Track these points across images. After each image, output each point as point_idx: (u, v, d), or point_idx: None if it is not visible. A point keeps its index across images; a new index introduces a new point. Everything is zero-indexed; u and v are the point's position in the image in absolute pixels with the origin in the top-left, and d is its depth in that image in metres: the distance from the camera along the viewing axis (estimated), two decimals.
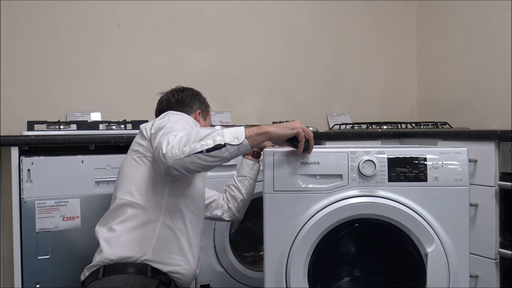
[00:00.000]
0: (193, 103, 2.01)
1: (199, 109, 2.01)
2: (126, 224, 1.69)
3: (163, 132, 1.62)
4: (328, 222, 1.69)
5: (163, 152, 1.51)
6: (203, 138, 1.52)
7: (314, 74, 3.24)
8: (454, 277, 1.68)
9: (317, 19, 3.26)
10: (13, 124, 2.43)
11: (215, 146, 1.52)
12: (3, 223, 2.16)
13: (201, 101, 2.04)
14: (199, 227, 1.83)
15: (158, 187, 1.70)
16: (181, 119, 1.74)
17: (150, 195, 1.70)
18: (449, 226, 1.69)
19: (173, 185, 1.71)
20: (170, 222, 1.71)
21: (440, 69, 3.34)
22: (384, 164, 1.71)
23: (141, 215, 1.69)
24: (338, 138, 2.52)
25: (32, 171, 1.97)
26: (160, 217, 1.70)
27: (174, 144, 1.52)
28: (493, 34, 2.93)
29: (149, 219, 1.69)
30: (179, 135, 1.56)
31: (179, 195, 1.73)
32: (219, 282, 2.29)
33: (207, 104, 2.08)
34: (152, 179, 1.70)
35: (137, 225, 1.68)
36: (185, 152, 1.50)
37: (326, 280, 1.91)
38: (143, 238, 1.68)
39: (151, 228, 1.69)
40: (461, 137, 2.32)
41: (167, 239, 1.70)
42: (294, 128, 1.62)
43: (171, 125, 1.66)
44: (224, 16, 3.00)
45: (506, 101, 2.80)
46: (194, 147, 1.51)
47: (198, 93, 2.07)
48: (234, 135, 1.55)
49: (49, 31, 2.60)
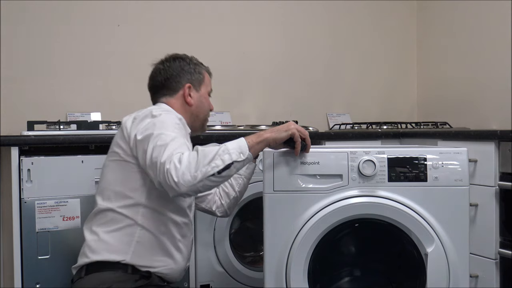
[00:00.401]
0: (180, 78, 1.87)
1: (188, 81, 1.87)
2: (106, 227, 1.68)
3: (154, 144, 1.58)
4: (328, 222, 1.69)
5: (175, 181, 1.49)
6: (212, 160, 1.52)
7: (314, 74, 3.24)
8: (454, 277, 1.68)
9: (317, 19, 3.26)
10: (13, 124, 2.42)
11: (225, 166, 1.53)
12: (3, 223, 2.16)
13: (190, 71, 1.89)
14: (186, 225, 1.80)
15: (136, 192, 1.68)
16: (166, 122, 1.67)
17: (128, 200, 1.68)
18: (449, 226, 1.69)
19: (152, 189, 1.67)
20: (149, 226, 1.68)
21: (440, 69, 3.34)
22: (384, 164, 1.71)
23: (120, 220, 1.68)
24: (338, 138, 2.52)
25: (32, 171, 1.97)
26: (139, 222, 1.68)
27: (184, 170, 1.50)
28: (493, 33, 2.93)
29: (127, 223, 1.67)
30: (185, 157, 1.52)
31: (158, 198, 1.69)
32: (219, 282, 2.29)
33: (199, 71, 1.91)
34: (130, 184, 1.68)
35: (116, 229, 1.67)
36: (198, 178, 1.50)
37: (326, 280, 1.91)
38: (123, 242, 1.67)
39: (130, 232, 1.67)
40: (461, 137, 2.32)
41: (147, 242, 1.68)
42: (288, 130, 1.65)
43: (160, 133, 1.61)
44: (224, 16, 3.00)
45: (506, 101, 2.80)
46: (206, 171, 1.50)
47: (187, 61, 1.91)
48: (239, 150, 1.56)
49: (49, 31, 2.60)
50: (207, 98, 1.92)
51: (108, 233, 1.67)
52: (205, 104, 1.91)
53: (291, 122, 1.68)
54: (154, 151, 1.57)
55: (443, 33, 3.29)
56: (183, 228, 1.78)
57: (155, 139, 1.59)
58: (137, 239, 1.67)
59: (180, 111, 1.83)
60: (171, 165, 1.51)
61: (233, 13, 3.03)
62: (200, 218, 2.25)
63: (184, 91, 1.85)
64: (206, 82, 1.93)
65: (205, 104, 1.91)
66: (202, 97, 1.89)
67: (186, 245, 1.80)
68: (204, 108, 1.91)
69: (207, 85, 1.94)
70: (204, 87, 1.92)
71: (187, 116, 1.84)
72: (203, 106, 1.90)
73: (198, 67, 1.92)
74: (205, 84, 1.93)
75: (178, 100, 1.85)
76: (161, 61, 1.91)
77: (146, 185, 1.67)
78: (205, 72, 1.94)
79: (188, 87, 1.86)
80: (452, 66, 3.22)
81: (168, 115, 1.72)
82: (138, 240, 1.67)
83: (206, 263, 2.27)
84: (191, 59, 1.93)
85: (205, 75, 1.93)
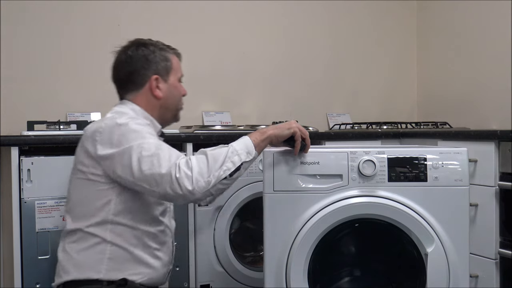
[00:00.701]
0: (145, 70, 1.72)
1: (154, 73, 1.72)
2: (77, 246, 1.63)
3: (139, 156, 1.51)
4: (328, 222, 1.69)
5: (190, 189, 1.47)
6: (223, 163, 1.51)
7: (314, 74, 3.24)
8: (454, 277, 1.68)
9: (317, 19, 3.26)
10: (13, 124, 2.42)
11: (236, 168, 1.53)
12: (3, 223, 2.16)
13: (156, 60, 1.73)
14: (162, 232, 1.72)
15: (102, 209, 1.61)
16: (138, 130, 1.58)
17: (95, 218, 1.61)
18: (449, 226, 1.69)
19: (118, 204, 1.61)
20: (120, 242, 1.62)
21: (440, 69, 3.33)
22: (384, 164, 1.71)
23: (89, 238, 1.62)
24: (338, 138, 2.52)
25: (32, 171, 1.97)
26: (108, 239, 1.61)
27: (198, 177, 1.48)
28: (493, 34, 2.93)
29: (96, 241, 1.61)
30: (194, 163, 1.49)
31: (126, 213, 1.62)
32: (219, 282, 2.29)
33: (166, 58, 1.75)
34: (96, 202, 1.61)
35: (87, 247, 1.62)
36: (211, 183, 1.49)
37: (326, 280, 1.91)
38: (94, 260, 1.61)
39: (100, 250, 1.61)
40: (461, 137, 2.32)
41: (120, 258, 1.62)
42: (290, 128, 1.65)
43: (139, 143, 1.54)
44: (224, 16, 3.00)
45: (506, 101, 2.80)
46: (219, 175, 1.50)
47: (151, 49, 1.74)
48: (246, 150, 1.57)
49: (49, 31, 2.60)
50: (177, 86, 1.78)
51: (79, 252, 1.62)
52: (175, 94, 1.77)
53: (293, 121, 1.69)
54: (143, 163, 1.51)
55: (443, 33, 3.29)
56: (159, 237, 1.71)
57: (138, 150, 1.53)
58: (108, 256, 1.61)
59: (147, 107, 1.72)
60: (181, 173, 1.48)
61: (233, 13, 3.03)
62: (200, 218, 2.25)
63: (151, 84, 1.72)
64: (175, 68, 1.77)
65: (175, 94, 1.77)
66: (171, 87, 1.76)
67: (165, 252, 1.74)
68: (175, 99, 1.78)
69: (177, 71, 1.78)
70: (173, 74, 1.77)
71: (155, 111, 1.74)
72: (173, 96, 1.77)
73: (164, 53, 1.75)
74: (174, 71, 1.77)
75: (144, 95, 1.72)
76: (123, 50, 1.76)
77: (112, 201, 1.61)
78: (173, 57, 1.77)
79: (155, 79, 1.72)
80: (452, 66, 3.22)
81: (135, 122, 1.62)
82: (110, 256, 1.61)
83: (206, 263, 2.27)
84: (156, 44, 1.77)
85: (173, 60, 1.77)
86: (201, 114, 2.92)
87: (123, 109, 1.71)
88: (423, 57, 3.46)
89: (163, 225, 1.73)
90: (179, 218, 2.21)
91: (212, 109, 2.96)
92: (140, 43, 1.76)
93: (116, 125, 1.59)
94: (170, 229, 1.79)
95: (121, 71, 1.75)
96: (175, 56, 1.79)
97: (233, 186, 2.14)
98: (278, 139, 1.65)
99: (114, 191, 1.60)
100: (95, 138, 1.59)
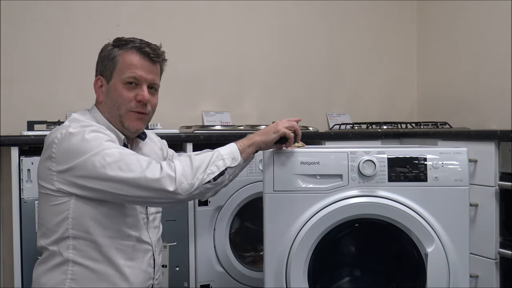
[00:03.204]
0: (96, 70, 1.64)
1: (100, 73, 1.61)
2: (42, 267, 1.55)
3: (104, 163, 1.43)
4: (328, 222, 1.69)
5: (171, 190, 1.43)
6: (207, 166, 1.49)
7: (314, 74, 3.24)
8: (454, 277, 1.68)
9: (317, 19, 3.26)
10: (13, 124, 2.42)
11: (220, 172, 1.51)
12: (3, 223, 2.16)
13: (102, 59, 1.61)
14: (131, 247, 1.58)
15: (62, 224, 1.50)
16: (94, 138, 1.48)
17: (56, 234, 1.51)
18: (449, 226, 1.70)
19: (80, 218, 1.49)
20: (81, 259, 1.50)
21: (440, 69, 3.34)
22: (384, 164, 1.71)
23: (52, 257, 1.53)
24: (338, 138, 2.52)
25: (32, 171, 1.97)
26: (69, 257, 1.50)
27: (180, 178, 1.45)
28: (493, 34, 2.93)
29: (59, 261, 1.51)
30: (178, 165, 1.45)
31: (86, 227, 1.50)
32: (219, 282, 2.29)
33: (111, 56, 1.57)
34: (56, 216, 1.50)
35: (49, 268, 1.53)
36: (194, 186, 1.46)
37: (326, 280, 1.91)
38: (56, 282, 1.51)
39: (61, 271, 1.51)
40: (461, 137, 2.32)
41: (84, 277, 1.51)
42: (277, 131, 1.64)
43: (99, 151, 1.44)
44: (224, 16, 3.00)
45: (506, 101, 2.80)
46: (202, 178, 1.48)
47: (106, 47, 1.61)
48: (231, 156, 1.55)
49: (49, 31, 2.60)
50: (117, 88, 1.57)
51: (43, 274, 1.54)
52: (114, 97, 1.58)
53: (277, 122, 1.67)
54: (109, 170, 1.43)
55: (443, 33, 3.29)
56: (128, 252, 1.57)
57: (100, 157, 1.44)
58: (70, 277, 1.51)
59: (100, 110, 1.62)
60: (163, 174, 1.44)
61: (233, 13, 3.03)
62: (200, 218, 2.25)
63: (94, 86, 1.63)
64: (120, 68, 1.57)
65: (113, 97, 1.58)
66: (111, 89, 1.58)
67: (138, 268, 1.59)
68: (113, 103, 1.58)
69: (123, 71, 1.56)
70: (117, 75, 1.57)
71: (105, 115, 1.61)
72: (111, 100, 1.58)
73: (116, 51, 1.58)
74: (118, 70, 1.57)
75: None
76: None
77: (70, 216, 1.50)
78: (123, 54, 1.57)
79: (98, 80, 1.61)
80: (452, 66, 3.22)
81: (90, 129, 1.50)
82: (73, 277, 1.51)
83: (206, 263, 2.27)
84: (116, 41, 1.61)
85: (120, 58, 1.57)
86: (201, 114, 2.92)
87: (79, 116, 1.60)
88: (423, 57, 3.46)
89: (132, 239, 1.58)
90: (179, 218, 2.21)
91: (212, 109, 2.96)
92: (114, 40, 1.64)
93: (68, 135, 1.48)
94: (147, 243, 1.63)
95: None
96: (134, 54, 1.57)
97: (233, 186, 2.16)
98: (267, 145, 1.64)
99: (70, 204, 1.49)
100: (52, 150, 1.49)
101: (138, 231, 1.60)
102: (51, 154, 1.49)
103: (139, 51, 1.58)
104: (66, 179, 1.48)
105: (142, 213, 1.63)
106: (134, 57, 1.58)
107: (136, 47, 1.58)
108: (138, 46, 1.58)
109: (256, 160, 2.12)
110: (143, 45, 1.60)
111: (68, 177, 1.47)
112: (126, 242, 1.56)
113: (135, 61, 1.58)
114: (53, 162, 1.48)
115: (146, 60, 1.59)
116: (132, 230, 1.58)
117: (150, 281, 1.64)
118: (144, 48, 1.59)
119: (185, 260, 2.24)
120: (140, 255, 1.60)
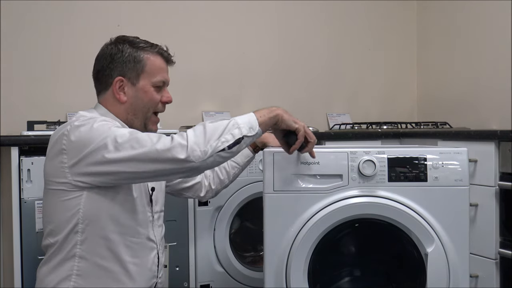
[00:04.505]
0: (110, 70, 1.59)
1: (120, 74, 1.58)
2: (47, 265, 1.54)
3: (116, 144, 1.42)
4: (328, 222, 1.69)
5: (182, 158, 1.38)
6: (221, 134, 1.43)
7: (314, 74, 3.24)
8: (454, 277, 1.68)
9: (317, 19, 3.26)
10: (13, 124, 2.42)
11: (236, 141, 1.44)
12: (3, 223, 2.16)
13: (123, 61, 1.58)
14: (138, 244, 1.58)
15: (71, 219, 1.49)
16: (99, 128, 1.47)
17: (65, 230, 1.50)
18: (449, 226, 1.69)
19: (88, 211, 1.49)
20: (89, 255, 1.50)
21: (440, 69, 3.34)
22: (384, 164, 1.71)
23: (57, 254, 1.52)
24: (338, 138, 2.52)
25: (32, 171, 1.97)
26: (76, 252, 1.50)
27: (193, 145, 1.39)
28: (493, 33, 2.93)
29: (63, 258, 1.51)
30: (190, 133, 1.41)
31: (97, 221, 1.50)
32: (219, 282, 2.29)
33: (138, 59, 1.58)
34: (67, 212, 1.49)
35: (55, 265, 1.52)
36: (208, 153, 1.40)
37: (326, 280, 1.91)
38: (61, 278, 1.50)
39: (67, 267, 1.50)
40: (461, 137, 2.32)
41: (90, 273, 1.51)
42: (297, 123, 1.57)
43: (107, 135, 1.43)
44: (224, 16, 3.00)
45: (506, 101, 2.80)
46: (216, 146, 1.41)
47: (120, 48, 1.59)
48: (249, 125, 1.48)
49: (49, 31, 2.60)
50: (148, 91, 1.60)
51: (48, 273, 1.53)
52: (145, 100, 1.60)
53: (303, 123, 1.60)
54: (122, 150, 1.41)
55: (443, 33, 3.29)
56: (135, 249, 1.57)
57: (111, 139, 1.42)
58: (76, 273, 1.50)
59: (114, 111, 1.61)
60: (174, 144, 1.39)
61: (233, 13, 3.03)
62: (200, 218, 2.25)
63: (114, 86, 1.59)
64: (150, 71, 1.60)
65: (144, 100, 1.60)
66: (140, 91, 1.59)
67: (143, 266, 1.59)
68: (143, 105, 1.61)
69: (152, 74, 1.60)
70: (146, 77, 1.60)
71: (122, 116, 1.61)
72: (141, 102, 1.60)
73: (139, 53, 1.59)
74: (147, 73, 1.59)
75: (110, 98, 1.61)
76: (104, 45, 1.65)
77: (82, 210, 1.49)
78: (150, 58, 1.60)
79: (119, 81, 1.58)
80: (452, 66, 3.22)
81: (96, 120, 1.51)
82: (78, 273, 1.50)
83: (206, 263, 2.27)
84: (133, 42, 1.61)
85: (148, 61, 1.60)
86: (201, 114, 2.92)
87: (86, 113, 1.60)
88: (423, 57, 3.46)
89: (141, 236, 1.59)
90: (179, 218, 2.21)
91: (212, 109, 2.96)
92: (118, 40, 1.63)
93: (78, 127, 1.48)
94: (153, 241, 1.64)
95: (93, 68, 1.66)
96: (158, 57, 1.63)
97: (233, 186, 2.16)
98: (283, 124, 1.55)
99: (82, 199, 1.49)
100: (62, 143, 1.48)
101: (147, 229, 1.61)
102: (61, 148, 1.48)
103: (162, 55, 1.64)
104: (81, 170, 1.46)
105: (148, 211, 1.63)
106: (161, 61, 1.64)
107: (159, 52, 1.63)
108: (161, 50, 1.64)
109: (256, 160, 2.12)
110: (161, 49, 1.66)
111: (83, 168, 1.46)
112: (135, 239, 1.57)
113: (163, 65, 1.64)
114: (65, 155, 1.47)
115: (166, 64, 1.67)
116: (141, 227, 1.59)
117: (154, 280, 1.64)
118: (165, 53, 1.65)
119: (185, 260, 2.24)
120: (146, 253, 1.61)
